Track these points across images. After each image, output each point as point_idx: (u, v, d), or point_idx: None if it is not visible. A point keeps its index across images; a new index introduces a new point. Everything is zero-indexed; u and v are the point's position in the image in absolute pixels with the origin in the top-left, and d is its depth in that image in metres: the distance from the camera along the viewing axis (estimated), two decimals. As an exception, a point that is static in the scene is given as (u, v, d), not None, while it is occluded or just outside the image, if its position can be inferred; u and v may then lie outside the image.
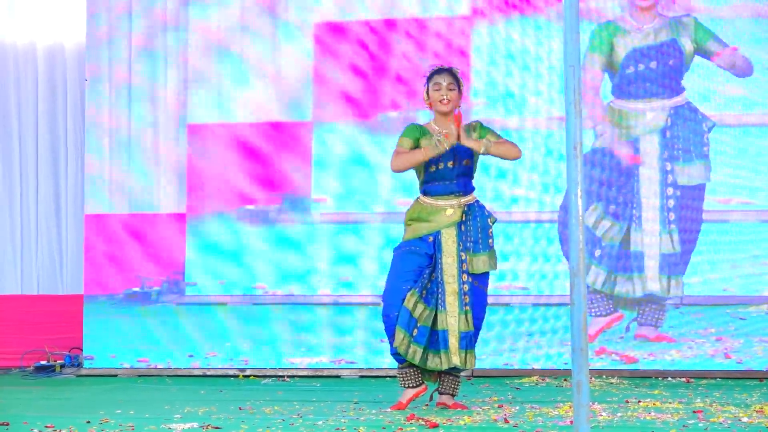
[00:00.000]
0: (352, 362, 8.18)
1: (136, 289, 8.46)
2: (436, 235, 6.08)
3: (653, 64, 8.03)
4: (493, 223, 6.14)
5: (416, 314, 6.00)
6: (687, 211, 7.96)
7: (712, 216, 7.94)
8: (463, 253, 6.04)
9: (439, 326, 6.04)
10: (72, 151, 9.17)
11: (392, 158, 6.15)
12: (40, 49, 9.23)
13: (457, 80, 6.17)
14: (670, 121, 8.00)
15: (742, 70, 7.96)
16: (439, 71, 6.19)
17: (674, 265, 7.95)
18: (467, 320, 6.02)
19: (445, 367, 6.03)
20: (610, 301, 8.01)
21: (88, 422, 5.66)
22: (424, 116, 8.12)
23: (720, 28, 8.00)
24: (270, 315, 8.34)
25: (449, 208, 6.08)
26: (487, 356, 7.96)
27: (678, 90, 8.01)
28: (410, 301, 6.01)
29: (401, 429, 5.39)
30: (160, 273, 8.46)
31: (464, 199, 6.13)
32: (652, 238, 7.97)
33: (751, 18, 7.99)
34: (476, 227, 6.07)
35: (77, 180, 9.09)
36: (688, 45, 8.00)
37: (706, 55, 7.97)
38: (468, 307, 6.02)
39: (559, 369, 7.92)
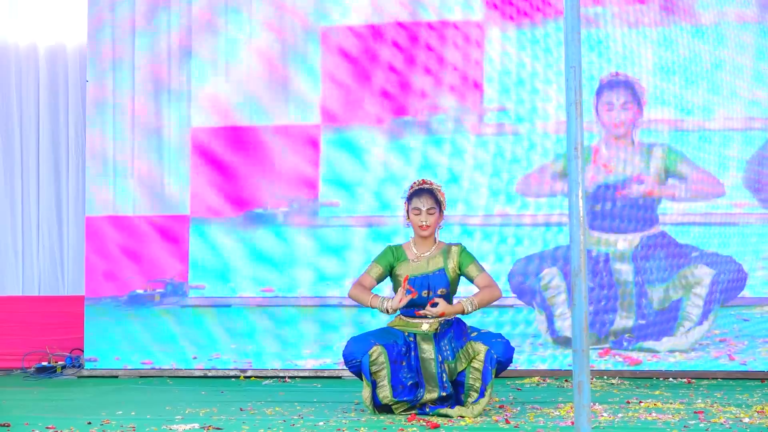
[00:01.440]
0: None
1: (140, 291, 8.46)
2: (413, 335, 6.05)
3: (620, 203, 8.04)
4: (472, 334, 6.08)
5: (374, 371, 5.95)
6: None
7: (720, 219, 7.93)
8: (442, 364, 5.98)
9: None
10: (73, 153, 9.17)
11: (354, 283, 6.23)
12: (41, 50, 9.23)
13: (437, 201, 6.15)
14: (640, 248, 8.03)
15: (714, 194, 7.99)
16: (418, 193, 6.16)
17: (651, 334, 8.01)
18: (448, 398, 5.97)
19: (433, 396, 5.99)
20: (595, 335, 8.01)
21: (89, 423, 5.67)
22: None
23: (704, 35, 8.01)
24: (274, 317, 8.33)
25: (425, 324, 6.04)
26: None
27: (651, 223, 8.05)
28: (375, 352, 5.98)
29: (402, 430, 5.39)
30: (164, 275, 8.45)
31: (442, 319, 6.09)
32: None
33: (736, 23, 7.99)
34: (450, 340, 6.02)
35: (78, 181, 9.10)
36: (655, 176, 7.98)
37: (677, 178, 7.98)
38: (463, 392, 5.97)
39: (560, 370, 7.92)
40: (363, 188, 8.29)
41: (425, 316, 6.00)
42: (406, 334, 6.03)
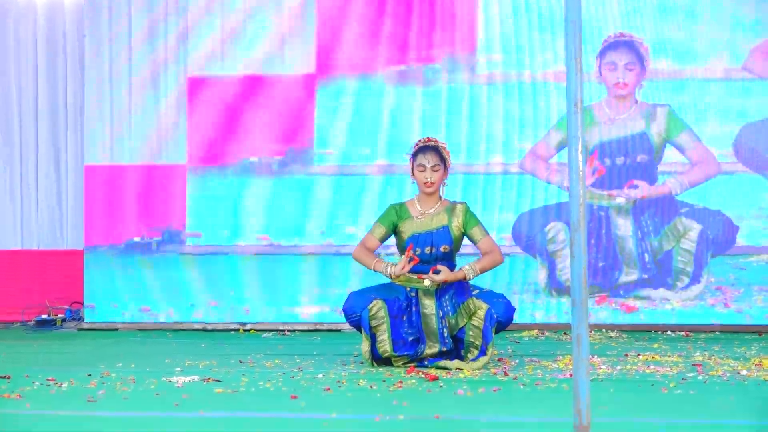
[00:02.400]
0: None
1: (137, 239, 8.47)
2: (415, 290, 6.04)
3: (620, 160, 8.03)
4: (473, 291, 6.09)
5: (374, 325, 5.97)
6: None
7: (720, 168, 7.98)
8: (444, 318, 5.99)
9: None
10: (71, 107, 9.13)
11: (358, 244, 6.23)
12: (39, 7, 9.17)
13: (442, 158, 6.13)
14: (639, 203, 8.05)
15: (711, 175, 7.99)
16: (423, 149, 6.13)
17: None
18: (449, 354, 5.99)
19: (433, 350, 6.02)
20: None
21: (89, 375, 5.69)
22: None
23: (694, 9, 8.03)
24: (271, 265, 8.35)
25: (427, 280, 6.02)
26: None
27: (650, 180, 8.05)
28: (375, 306, 6.00)
29: (401, 382, 5.42)
30: (161, 223, 8.46)
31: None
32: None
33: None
34: (451, 297, 6.01)
35: (77, 135, 9.07)
36: (657, 138, 7.99)
37: (677, 147, 7.97)
38: (463, 348, 5.99)
39: (558, 323, 7.95)
40: (360, 137, 8.28)
41: (427, 272, 6.01)
42: (408, 289, 6.05)
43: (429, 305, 5.98)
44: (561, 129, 8.01)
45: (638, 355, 6.46)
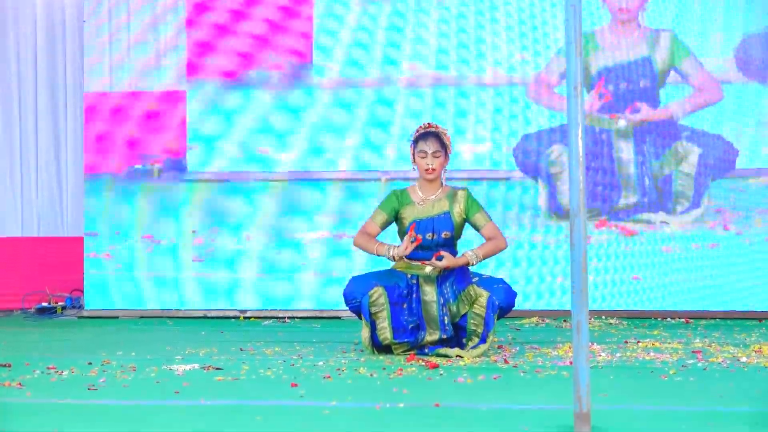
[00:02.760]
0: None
1: (138, 166, 8.46)
2: (416, 277, 6.04)
3: (623, 85, 8.02)
4: (473, 279, 6.09)
5: (374, 311, 5.98)
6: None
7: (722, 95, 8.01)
8: (444, 307, 5.98)
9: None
10: (71, 91, 9.12)
11: (358, 231, 6.21)
12: (38, -3, 9.17)
13: (443, 145, 6.11)
14: (641, 127, 8.04)
15: (713, 101, 7.99)
16: (424, 136, 6.11)
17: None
18: (449, 341, 5.99)
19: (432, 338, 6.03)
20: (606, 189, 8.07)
21: (90, 363, 5.69)
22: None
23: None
24: (273, 199, 8.37)
25: (429, 267, 6.01)
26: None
27: (652, 104, 8.05)
28: (376, 293, 6.00)
29: (401, 370, 5.42)
30: (162, 152, 8.46)
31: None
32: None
33: None
34: (453, 277, 6.01)
35: (77, 118, 9.06)
36: (661, 64, 7.98)
37: (680, 74, 7.97)
38: (465, 337, 5.99)
39: (558, 310, 7.95)
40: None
41: (428, 260, 6.00)
42: (409, 276, 6.04)
43: (430, 292, 5.98)
44: (561, 55, 8.08)
45: (638, 342, 6.45)
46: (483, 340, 5.88)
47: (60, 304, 8.62)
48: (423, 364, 5.59)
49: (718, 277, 7.95)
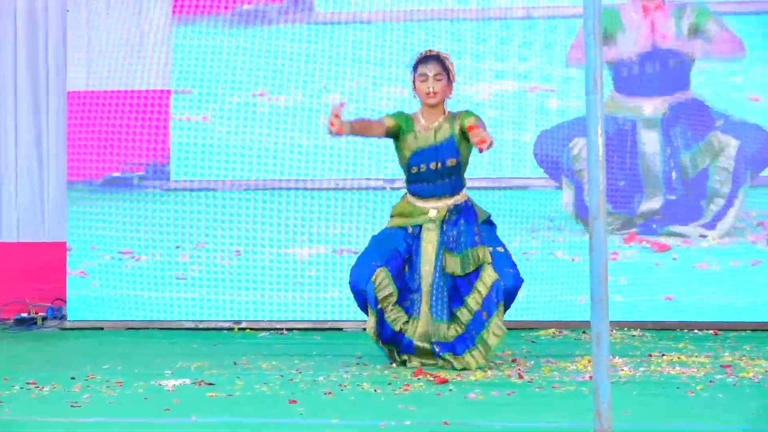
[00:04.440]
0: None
1: (116, 174, 8.45)
2: (418, 230, 6.06)
3: (649, 67, 8.03)
4: (484, 221, 6.09)
5: (381, 297, 5.99)
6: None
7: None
8: (442, 250, 6.00)
9: (407, 334, 6.04)
10: (54, 87, 9.12)
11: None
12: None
13: (445, 68, 6.12)
14: (669, 114, 8.01)
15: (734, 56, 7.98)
16: (425, 60, 6.14)
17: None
18: (442, 330, 5.97)
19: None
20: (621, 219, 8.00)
21: (73, 378, 5.70)
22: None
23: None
24: (263, 203, 8.35)
25: (432, 210, 6.05)
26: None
27: (681, 87, 8.04)
28: (378, 276, 6.01)
29: (408, 385, 5.42)
30: (144, 158, 8.45)
31: (451, 200, 6.10)
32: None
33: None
34: (459, 226, 6.02)
35: (59, 120, 9.06)
36: (689, 38, 7.98)
37: (706, 38, 7.96)
38: (445, 313, 5.98)
39: (577, 321, 7.94)
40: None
41: (435, 199, 6.07)
42: (410, 229, 6.06)
43: (431, 239, 6.00)
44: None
45: (662, 355, 6.45)
46: (471, 341, 5.90)
47: (41, 314, 8.62)
48: (431, 378, 5.60)
49: (749, 286, 7.93)
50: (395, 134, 6.17)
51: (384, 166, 8.15)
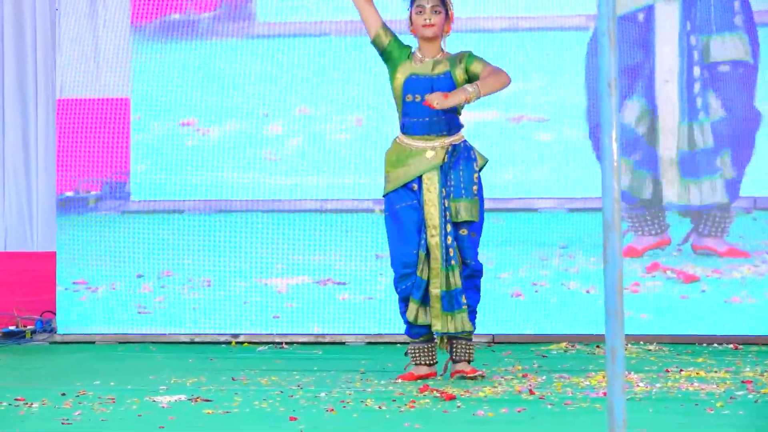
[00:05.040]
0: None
1: (69, 194, 8.43)
2: (418, 182, 6.08)
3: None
4: (482, 167, 6.13)
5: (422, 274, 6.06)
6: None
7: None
8: (446, 200, 6.04)
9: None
10: (42, 92, 9.13)
11: None
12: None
13: (443, 2, 6.15)
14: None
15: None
16: None
17: (699, 166, 7.85)
18: (452, 277, 6.03)
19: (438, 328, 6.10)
20: (656, 219, 7.87)
21: (64, 395, 5.70)
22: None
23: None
24: (238, 224, 8.30)
25: (429, 150, 6.07)
26: (509, 320, 7.97)
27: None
28: (420, 264, 6.06)
29: (414, 402, 5.42)
30: (101, 174, 8.41)
31: (448, 140, 6.12)
32: (668, 133, 7.87)
33: None
34: (458, 172, 6.06)
35: (48, 126, 9.06)
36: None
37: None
38: (454, 262, 6.03)
39: (590, 334, 7.93)
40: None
41: (430, 137, 6.07)
42: (414, 187, 6.08)
43: (432, 189, 6.05)
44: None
45: (680, 370, 6.45)
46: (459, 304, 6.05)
47: (29, 327, 8.62)
48: (438, 395, 5.60)
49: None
50: (383, 45, 6.17)
51: (372, 185, 7.94)
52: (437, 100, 5.88)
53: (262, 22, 8.21)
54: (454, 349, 6.15)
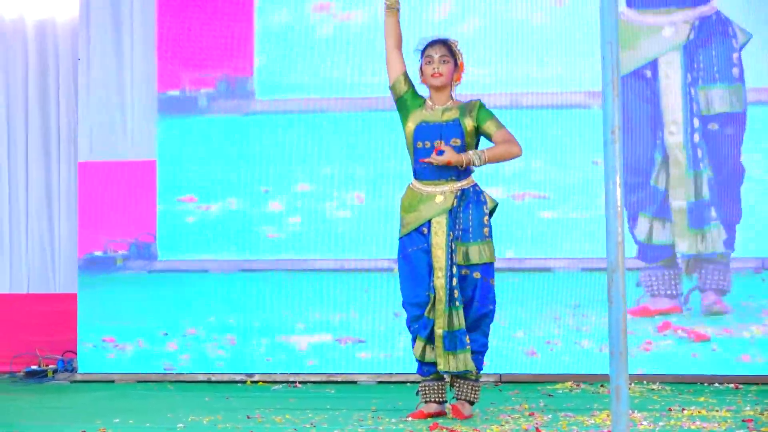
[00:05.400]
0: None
1: (99, 253, 8.44)
2: (428, 225, 6.09)
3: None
4: (493, 210, 6.14)
5: (429, 314, 6.06)
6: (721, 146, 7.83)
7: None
8: (453, 243, 6.05)
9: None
10: (65, 136, 9.17)
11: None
12: (29, 25, 9.22)
13: (452, 52, 6.18)
14: (693, 36, 7.86)
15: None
16: (431, 43, 6.22)
17: (703, 215, 7.82)
18: (456, 318, 6.01)
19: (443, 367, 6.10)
20: (674, 282, 7.85)
21: (84, 432, 5.70)
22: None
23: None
24: (260, 284, 8.31)
25: (439, 195, 6.09)
26: (516, 360, 7.96)
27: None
28: (429, 306, 6.06)
29: (423, 439, 5.40)
30: (128, 235, 8.45)
31: (458, 185, 6.12)
32: (676, 183, 7.85)
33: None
34: (468, 216, 6.07)
35: (70, 169, 9.10)
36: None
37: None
38: (458, 303, 6.02)
39: (595, 374, 7.91)
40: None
41: (440, 182, 6.07)
42: (425, 231, 6.08)
43: (440, 232, 6.05)
44: None
45: (683, 409, 6.42)
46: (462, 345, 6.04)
47: (51, 366, 8.62)
48: (447, 433, 5.58)
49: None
50: (400, 93, 6.22)
51: (389, 246, 7.97)
52: (442, 160, 5.96)
53: (262, 100, 8.26)
54: (458, 388, 6.14)
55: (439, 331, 6.01)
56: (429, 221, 6.09)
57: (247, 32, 8.29)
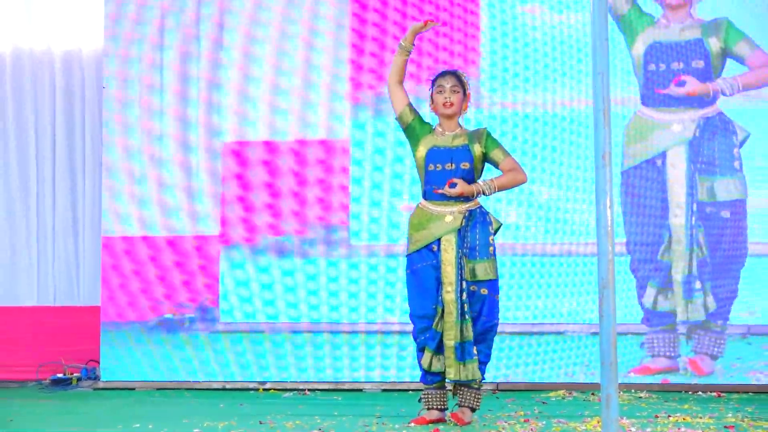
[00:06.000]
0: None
1: (168, 316, 8.42)
2: (438, 243, 6.11)
3: (675, 65, 8.03)
4: (497, 230, 6.17)
5: (437, 327, 6.07)
6: (721, 230, 7.93)
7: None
8: (462, 260, 6.06)
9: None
10: (90, 160, 9.19)
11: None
12: (56, 55, 9.26)
13: (461, 83, 6.22)
14: (699, 133, 8.00)
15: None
16: (443, 74, 6.26)
17: (691, 287, 7.93)
18: (466, 330, 6.03)
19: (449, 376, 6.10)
20: (672, 344, 7.92)
21: (106, 436, 5.70)
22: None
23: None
24: (316, 343, 8.30)
25: (448, 215, 6.11)
26: (512, 370, 7.95)
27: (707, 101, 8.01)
28: (436, 318, 6.07)
29: (425, 444, 5.40)
30: (192, 299, 8.45)
31: (465, 206, 6.14)
32: (678, 258, 7.97)
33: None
34: (475, 235, 6.09)
35: (95, 189, 9.11)
36: (715, 46, 7.97)
37: (734, 58, 7.95)
38: (468, 316, 6.03)
39: (587, 383, 7.91)
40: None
41: (449, 203, 6.09)
42: (434, 248, 6.09)
43: (449, 249, 6.05)
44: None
45: (669, 416, 6.42)
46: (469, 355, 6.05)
47: (75, 375, 8.63)
48: (447, 438, 5.58)
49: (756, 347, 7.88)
50: (407, 121, 6.23)
51: (401, 309, 8.03)
52: (454, 192, 6.02)
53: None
54: (461, 395, 6.14)
55: (450, 342, 6.02)
56: (438, 239, 6.11)
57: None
